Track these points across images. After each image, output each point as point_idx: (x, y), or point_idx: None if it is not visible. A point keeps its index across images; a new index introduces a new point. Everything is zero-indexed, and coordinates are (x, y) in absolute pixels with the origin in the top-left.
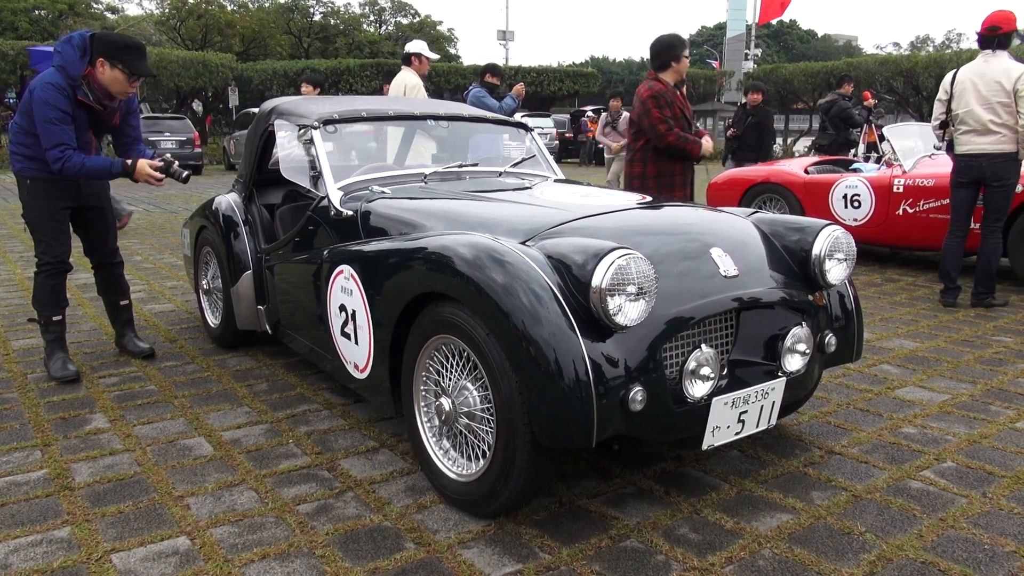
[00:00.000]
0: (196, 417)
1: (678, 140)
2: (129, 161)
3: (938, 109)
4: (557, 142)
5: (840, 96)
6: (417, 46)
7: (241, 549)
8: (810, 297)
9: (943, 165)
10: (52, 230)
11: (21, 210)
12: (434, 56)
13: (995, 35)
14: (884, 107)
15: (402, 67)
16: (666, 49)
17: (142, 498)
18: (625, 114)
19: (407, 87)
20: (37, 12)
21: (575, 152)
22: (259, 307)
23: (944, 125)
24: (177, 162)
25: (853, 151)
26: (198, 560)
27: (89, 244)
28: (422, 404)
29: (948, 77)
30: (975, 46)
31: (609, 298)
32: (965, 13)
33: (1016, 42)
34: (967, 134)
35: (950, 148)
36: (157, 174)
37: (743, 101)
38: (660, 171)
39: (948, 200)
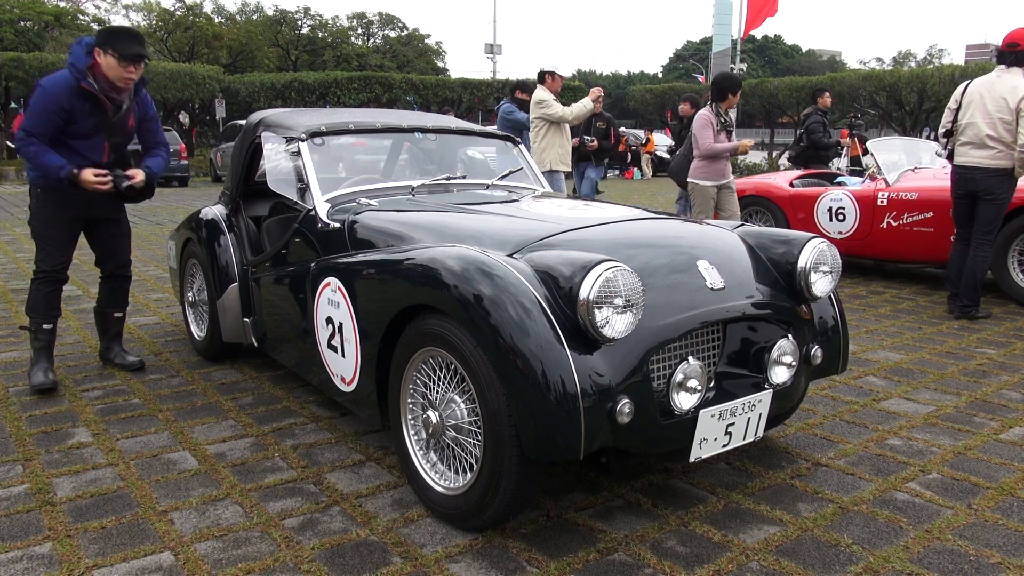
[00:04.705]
0: (181, 431)
1: None
2: (76, 170)
3: (946, 117)
4: None
5: (816, 109)
6: (551, 65)
7: (226, 564)
8: (796, 310)
9: (926, 179)
10: (54, 239)
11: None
12: (567, 75)
13: (1013, 51)
14: (867, 121)
15: (537, 85)
16: None
17: (125, 513)
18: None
19: (535, 102)
20: (23, 23)
21: None
22: (245, 320)
23: (949, 134)
24: (119, 171)
25: (837, 164)
26: None
27: (101, 254)
28: (409, 417)
29: (960, 87)
30: (956, 61)
31: (596, 310)
32: (946, 29)
33: None
34: (965, 146)
35: (951, 157)
36: (102, 179)
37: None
38: None
39: (931, 213)
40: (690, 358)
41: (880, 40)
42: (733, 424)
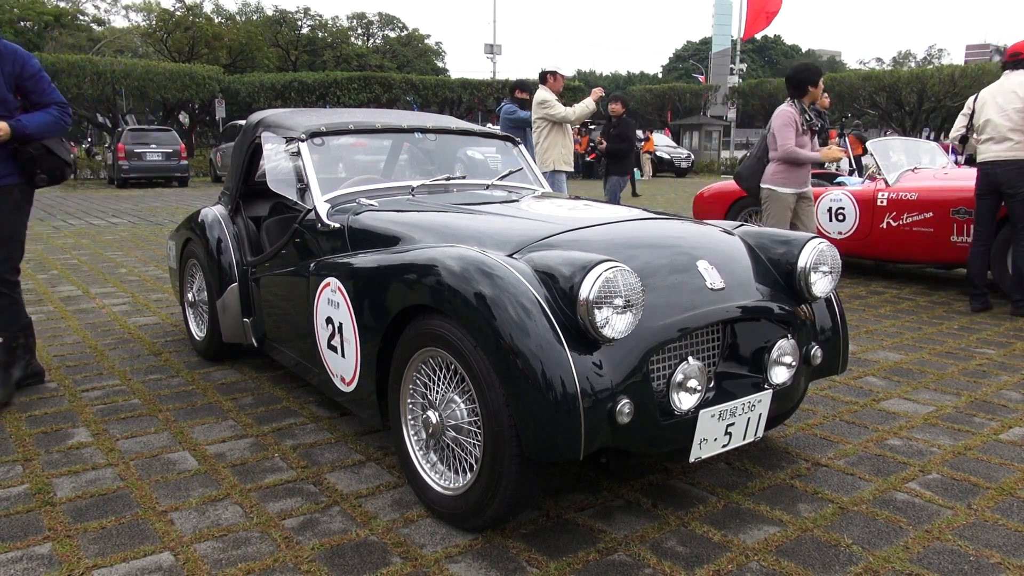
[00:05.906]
0: (180, 431)
1: None
2: None
3: (959, 123)
4: None
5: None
6: (552, 65)
7: (225, 564)
8: (796, 310)
9: (926, 179)
10: None
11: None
12: (569, 74)
13: (1015, 59)
14: (866, 122)
15: (539, 85)
16: None
17: (125, 513)
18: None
19: (537, 102)
20: (22, 24)
21: None
22: (245, 320)
23: (964, 140)
24: None
25: (836, 165)
26: None
27: None
28: (409, 417)
29: (971, 97)
30: (956, 62)
31: (596, 310)
32: (946, 29)
33: None
34: (986, 143)
35: (969, 162)
36: None
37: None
38: None
39: (931, 214)
40: (690, 358)
41: (880, 40)
42: (733, 424)
